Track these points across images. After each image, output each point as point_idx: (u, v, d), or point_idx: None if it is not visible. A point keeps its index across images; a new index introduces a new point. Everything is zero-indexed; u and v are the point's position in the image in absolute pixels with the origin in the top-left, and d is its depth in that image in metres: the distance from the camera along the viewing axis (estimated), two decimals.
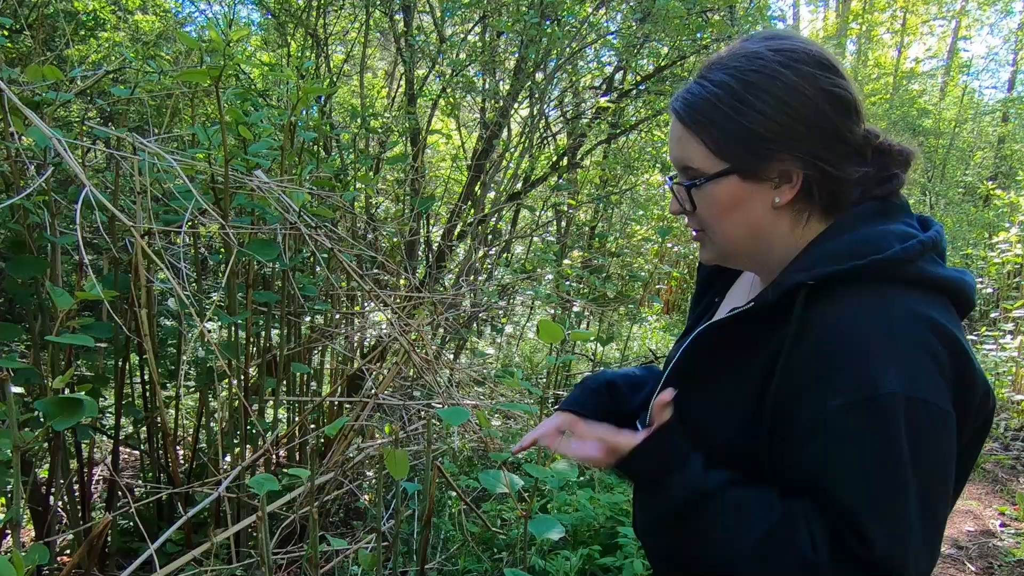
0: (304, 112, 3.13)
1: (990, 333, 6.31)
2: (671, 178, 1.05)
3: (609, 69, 5.56)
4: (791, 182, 0.94)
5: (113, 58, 3.88)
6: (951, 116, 12.54)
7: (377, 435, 3.09)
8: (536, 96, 4.80)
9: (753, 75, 0.93)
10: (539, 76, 4.76)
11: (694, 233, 1.05)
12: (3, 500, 2.79)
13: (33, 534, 2.69)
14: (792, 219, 0.97)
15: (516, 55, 4.84)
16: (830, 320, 0.88)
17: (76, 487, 2.74)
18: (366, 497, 3.15)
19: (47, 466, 2.67)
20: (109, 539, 2.71)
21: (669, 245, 6.46)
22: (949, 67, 14.65)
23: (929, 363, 0.85)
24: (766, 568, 0.87)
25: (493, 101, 4.86)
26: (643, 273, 6.04)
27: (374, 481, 3.09)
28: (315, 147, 3.49)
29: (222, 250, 3.07)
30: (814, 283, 0.90)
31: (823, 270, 0.90)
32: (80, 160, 2.43)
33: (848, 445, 0.84)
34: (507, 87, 4.83)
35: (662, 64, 5.15)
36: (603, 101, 4.98)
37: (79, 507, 2.74)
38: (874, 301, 0.88)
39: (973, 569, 3.41)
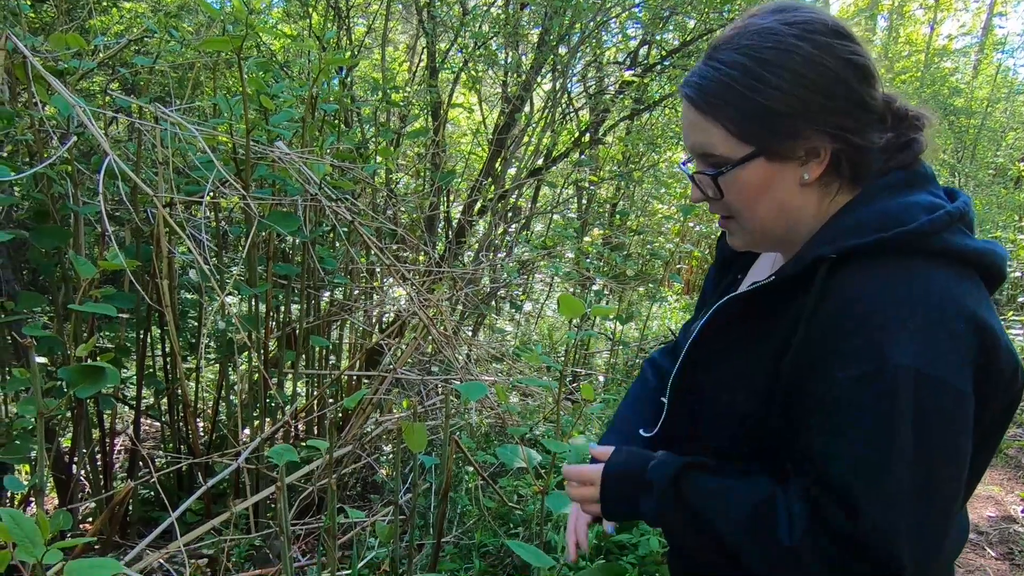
0: (325, 84, 3.10)
1: (1017, 317, 6.21)
2: (685, 163, 1.02)
3: (634, 43, 5.47)
4: (819, 157, 0.92)
5: (135, 29, 3.87)
6: (984, 95, 12.23)
7: (395, 410, 3.10)
8: (559, 70, 4.73)
9: (768, 52, 0.89)
10: (562, 50, 4.70)
11: (721, 219, 1.02)
12: (27, 468, 2.83)
13: (56, 502, 2.73)
14: (820, 194, 0.95)
15: (539, 28, 4.77)
16: (851, 293, 0.86)
17: (98, 457, 2.78)
18: (383, 471, 3.17)
19: (70, 435, 2.70)
20: (130, 508, 2.75)
21: (691, 224, 6.39)
22: (983, 44, 14.28)
23: (949, 341, 0.82)
24: (753, 549, 0.90)
25: (515, 75, 4.80)
26: (664, 252, 5.99)
27: (391, 455, 3.10)
28: (336, 120, 3.47)
29: (242, 223, 3.07)
30: (836, 256, 0.88)
31: (846, 243, 0.88)
32: (103, 130, 2.43)
33: (850, 417, 0.83)
34: (530, 60, 4.77)
35: (688, 38, 5.06)
36: (627, 75, 4.91)
37: (101, 476, 2.77)
38: (898, 275, 0.85)
39: (993, 555, 3.38)
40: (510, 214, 5.15)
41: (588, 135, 5.28)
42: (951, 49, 13.92)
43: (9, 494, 2.49)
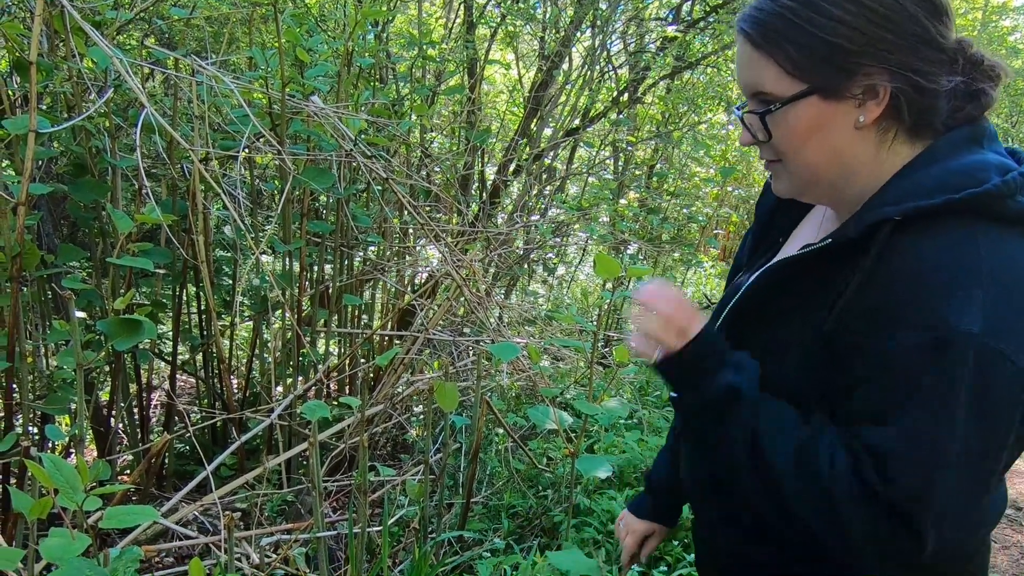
0: (361, 38, 3.05)
1: None
2: (739, 108, 0.96)
3: None
4: (877, 97, 0.85)
5: None
6: None
7: (426, 370, 3.10)
8: (599, 26, 4.60)
9: None
10: (603, 5, 4.56)
11: (766, 163, 0.96)
12: (67, 419, 2.90)
13: (95, 453, 2.79)
14: (877, 140, 0.88)
15: None
16: (914, 257, 0.80)
17: (135, 410, 2.82)
18: (414, 431, 3.18)
19: (108, 389, 2.75)
20: (166, 461, 2.80)
21: (729, 188, 6.24)
22: None
23: (1016, 315, 0.78)
24: (795, 483, 0.85)
25: (554, 31, 4.69)
26: (701, 216, 5.87)
27: (423, 416, 3.12)
28: (371, 76, 3.43)
29: (276, 180, 3.06)
30: (900, 218, 0.82)
31: (912, 204, 0.81)
32: (140, 82, 2.42)
33: (903, 384, 0.79)
34: (569, 16, 4.65)
35: None
36: (670, 31, 4.76)
37: (138, 430, 2.83)
38: (965, 239, 0.80)
39: None
40: (545, 175, 5.08)
41: (626, 94, 5.16)
42: (1011, 6, 13.28)
43: (51, 444, 2.55)
